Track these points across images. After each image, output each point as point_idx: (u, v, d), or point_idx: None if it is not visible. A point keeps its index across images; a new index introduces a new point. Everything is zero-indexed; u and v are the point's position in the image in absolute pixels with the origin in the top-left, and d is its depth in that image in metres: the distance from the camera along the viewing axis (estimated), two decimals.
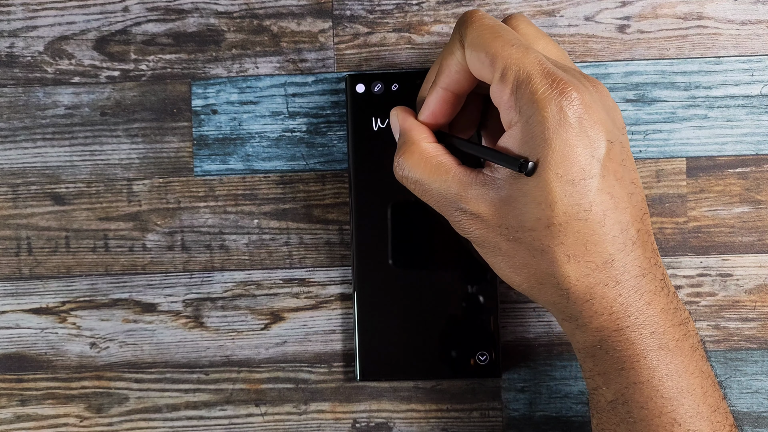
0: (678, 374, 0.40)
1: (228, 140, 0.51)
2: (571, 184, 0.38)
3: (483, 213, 0.40)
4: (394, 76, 0.49)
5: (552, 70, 0.38)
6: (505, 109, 0.39)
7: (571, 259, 0.39)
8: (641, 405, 0.39)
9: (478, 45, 0.40)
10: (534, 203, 0.38)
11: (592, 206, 0.38)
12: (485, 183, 0.40)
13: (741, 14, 0.50)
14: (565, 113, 0.37)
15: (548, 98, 0.38)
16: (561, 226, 0.38)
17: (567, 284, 0.39)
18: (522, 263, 0.40)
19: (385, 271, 0.49)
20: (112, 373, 0.51)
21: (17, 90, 0.51)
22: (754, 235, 0.49)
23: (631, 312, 0.39)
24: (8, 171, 0.51)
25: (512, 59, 0.39)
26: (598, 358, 0.40)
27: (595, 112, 0.38)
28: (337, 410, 0.50)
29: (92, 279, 0.51)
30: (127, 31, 0.51)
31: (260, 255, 0.51)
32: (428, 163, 0.42)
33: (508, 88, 0.39)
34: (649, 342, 0.39)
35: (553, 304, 0.41)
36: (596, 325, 0.40)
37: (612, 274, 0.39)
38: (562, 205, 0.38)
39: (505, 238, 0.40)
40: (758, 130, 0.50)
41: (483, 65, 0.40)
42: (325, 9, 0.51)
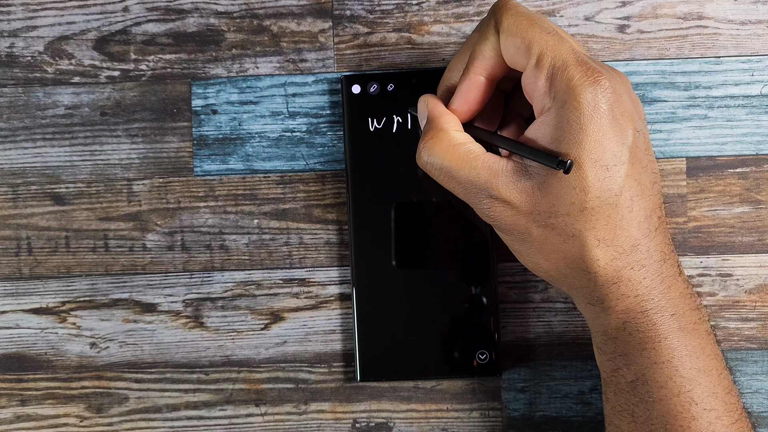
0: (696, 355, 0.41)
1: (228, 140, 0.51)
2: (604, 170, 0.39)
3: (514, 200, 0.40)
4: (390, 76, 0.49)
5: (585, 59, 0.39)
6: (539, 95, 0.40)
7: (601, 243, 0.40)
8: (661, 384, 0.41)
9: (514, 31, 0.40)
10: (569, 188, 0.39)
11: (622, 191, 0.39)
12: (516, 170, 0.41)
13: (741, 14, 0.50)
14: (598, 101, 0.38)
15: (583, 86, 0.38)
16: (593, 211, 0.39)
17: (596, 268, 0.40)
18: (552, 249, 0.41)
19: (385, 270, 0.49)
20: (112, 373, 0.51)
21: (17, 90, 0.51)
22: (754, 235, 0.49)
23: (655, 295, 0.41)
24: (8, 171, 0.51)
25: (548, 46, 0.40)
26: (620, 339, 0.41)
27: (624, 102, 0.40)
28: (337, 410, 0.50)
29: (92, 279, 0.51)
30: (127, 31, 0.51)
31: (260, 255, 0.51)
32: (456, 150, 0.42)
33: (543, 74, 0.40)
34: (671, 324, 0.41)
35: (580, 288, 0.42)
36: (622, 308, 0.41)
37: (638, 258, 0.40)
38: (595, 189, 0.39)
39: (537, 224, 0.40)
40: (758, 130, 0.50)
41: (518, 51, 0.40)
42: (325, 9, 0.51)
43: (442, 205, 0.49)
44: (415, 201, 0.49)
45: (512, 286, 0.50)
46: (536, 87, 0.40)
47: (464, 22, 0.50)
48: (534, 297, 0.50)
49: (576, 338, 0.50)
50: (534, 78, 0.40)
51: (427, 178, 0.49)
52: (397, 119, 0.49)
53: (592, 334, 0.44)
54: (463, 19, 0.50)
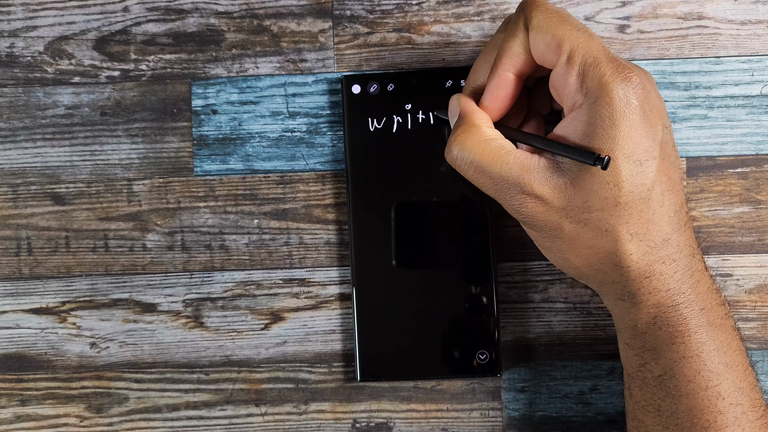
0: (723, 350, 0.41)
1: (228, 140, 0.51)
2: (637, 164, 0.39)
3: (547, 196, 0.41)
4: (390, 76, 0.49)
5: (615, 57, 0.40)
6: (570, 92, 0.40)
7: (634, 238, 0.40)
8: (689, 379, 0.41)
9: (544, 28, 0.41)
10: (602, 183, 0.39)
11: (654, 186, 0.40)
12: (548, 166, 0.41)
13: (741, 14, 0.50)
14: (629, 97, 0.39)
15: (615, 82, 0.39)
16: (626, 205, 0.40)
17: (629, 262, 0.41)
18: (584, 244, 0.41)
19: (385, 270, 0.49)
20: (112, 373, 0.51)
21: (17, 90, 0.51)
22: (754, 235, 0.49)
23: (685, 289, 0.41)
24: (8, 171, 0.51)
25: (579, 43, 0.40)
26: (650, 334, 0.42)
27: (653, 98, 0.40)
28: (337, 410, 0.50)
29: (92, 279, 0.51)
30: (127, 31, 0.51)
31: (260, 255, 0.51)
32: (488, 145, 0.42)
33: (575, 71, 0.40)
34: (700, 318, 0.41)
35: (611, 283, 0.42)
36: (653, 302, 0.41)
37: (669, 252, 0.41)
38: (629, 184, 0.39)
39: (569, 219, 0.41)
40: (758, 130, 0.50)
41: (548, 48, 0.41)
42: (325, 9, 0.51)
43: (442, 205, 0.49)
44: (415, 201, 0.49)
45: (512, 286, 0.50)
46: (567, 83, 0.40)
47: (464, 22, 0.50)
48: (534, 297, 0.50)
49: (576, 338, 0.50)
50: (565, 75, 0.40)
51: (427, 179, 0.49)
52: (397, 119, 0.49)
53: (618, 330, 0.44)
54: (463, 19, 0.50)
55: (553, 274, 0.50)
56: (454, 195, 0.48)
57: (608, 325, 0.50)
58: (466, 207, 0.48)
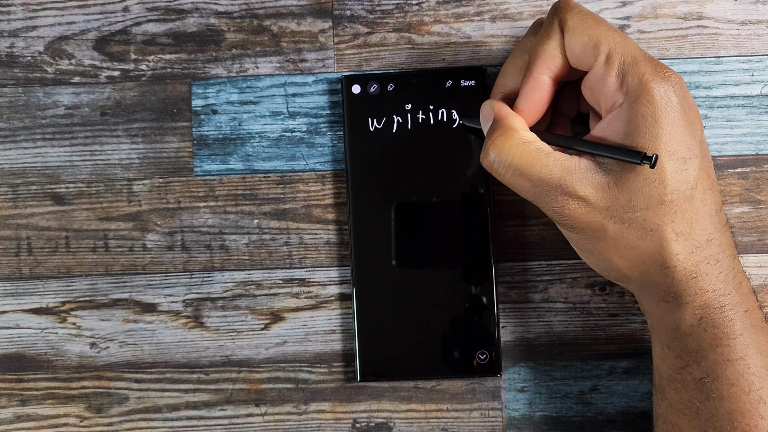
0: (765, 353, 0.41)
1: (228, 140, 0.51)
2: (681, 162, 0.39)
3: (590, 196, 0.40)
4: (390, 76, 0.49)
5: (652, 57, 0.40)
6: (610, 91, 0.40)
7: (679, 237, 0.40)
8: (732, 382, 0.40)
9: (581, 29, 0.41)
10: (647, 181, 0.39)
11: (697, 184, 0.40)
12: (590, 167, 0.41)
13: (741, 14, 0.50)
14: (670, 95, 0.39)
15: (656, 80, 0.39)
16: (672, 204, 0.39)
17: (675, 262, 0.40)
18: (628, 245, 0.41)
19: (385, 270, 0.49)
20: (112, 373, 0.51)
21: (17, 90, 0.51)
22: (754, 235, 0.49)
23: (730, 290, 0.41)
24: (8, 171, 0.51)
25: (617, 43, 0.40)
26: (694, 336, 0.41)
27: (689, 98, 0.41)
28: (337, 410, 0.50)
29: (92, 279, 0.51)
30: (127, 31, 0.51)
31: (260, 255, 0.51)
32: (526, 148, 0.42)
33: (614, 71, 0.40)
34: (745, 320, 0.41)
35: (654, 284, 0.42)
36: (699, 303, 0.41)
37: (713, 252, 0.41)
38: (673, 182, 0.39)
39: (613, 220, 0.40)
40: (758, 130, 0.50)
41: (585, 49, 0.41)
42: (325, 9, 0.51)
43: (442, 205, 0.49)
44: (415, 201, 0.49)
45: (512, 286, 0.50)
46: (606, 84, 0.40)
47: (464, 22, 0.50)
48: (534, 297, 0.50)
49: (576, 338, 0.50)
50: (604, 75, 0.40)
51: (427, 179, 0.49)
52: (397, 119, 0.49)
53: (656, 332, 0.43)
54: (463, 19, 0.50)
55: (553, 274, 0.50)
56: (454, 195, 0.48)
57: (608, 325, 0.50)
58: (466, 207, 0.48)
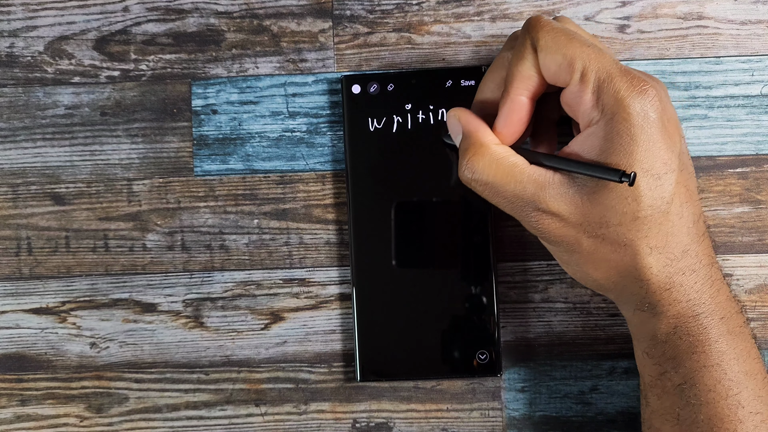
0: (743, 358, 0.41)
1: (228, 140, 0.51)
2: (656, 178, 0.39)
3: (563, 212, 0.41)
4: (390, 76, 0.49)
5: (629, 70, 0.40)
6: (586, 109, 0.40)
7: (653, 251, 0.40)
8: (709, 388, 0.41)
9: (553, 48, 0.40)
10: (620, 198, 0.39)
11: (673, 199, 0.40)
12: (563, 182, 0.41)
13: (741, 14, 0.50)
14: (647, 111, 0.39)
15: (631, 96, 0.39)
16: (645, 219, 0.40)
17: (648, 275, 0.41)
18: (602, 259, 0.41)
19: (385, 270, 0.49)
20: (112, 373, 0.51)
21: (17, 90, 0.51)
22: (754, 235, 0.49)
23: (705, 299, 0.41)
24: (8, 171, 0.51)
25: (591, 59, 0.40)
26: (670, 343, 0.42)
27: (669, 110, 0.40)
28: (337, 410, 0.50)
29: (92, 279, 0.51)
30: (127, 31, 0.51)
31: (260, 255, 0.51)
32: (500, 165, 0.42)
33: (589, 88, 0.40)
34: (721, 327, 0.41)
35: (630, 295, 0.42)
36: (674, 312, 0.41)
37: (688, 263, 0.41)
38: (647, 198, 0.39)
39: (587, 234, 0.41)
40: (758, 130, 0.50)
41: (560, 68, 0.40)
42: (325, 9, 0.51)
43: (442, 205, 0.49)
44: (415, 201, 0.49)
45: (512, 286, 0.50)
46: (582, 101, 0.40)
47: (464, 22, 0.50)
48: (534, 297, 0.50)
49: (576, 338, 0.50)
50: (579, 92, 0.40)
51: (427, 178, 0.49)
52: (397, 119, 0.49)
53: (636, 339, 0.44)
54: (463, 19, 0.50)
55: (554, 274, 0.50)
56: (454, 195, 0.48)
57: (608, 325, 0.50)
58: (466, 207, 0.48)
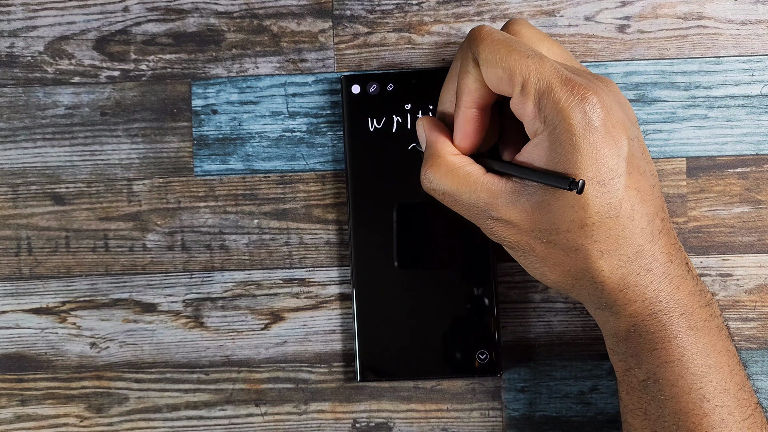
0: (706, 353, 0.41)
1: (228, 140, 0.51)
2: (601, 185, 0.39)
3: (515, 219, 0.41)
4: (389, 76, 0.49)
5: (569, 77, 0.39)
6: (529, 120, 0.40)
7: (604, 255, 0.40)
8: (672, 383, 0.41)
9: (493, 62, 0.40)
10: (567, 206, 0.39)
11: (622, 203, 0.40)
12: (515, 191, 0.41)
13: (741, 14, 0.50)
14: (589, 118, 0.39)
15: (571, 106, 0.39)
16: (594, 226, 0.40)
17: (601, 278, 0.41)
18: (556, 262, 0.42)
19: (385, 270, 0.49)
20: (112, 373, 0.51)
21: (17, 90, 0.51)
22: (754, 235, 0.49)
23: (662, 297, 0.41)
24: (8, 171, 0.51)
25: (530, 71, 0.40)
26: (631, 341, 0.42)
27: (614, 113, 0.40)
28: (337, 410, 0.50)
29: (92, 279, 0.51)
30: (127, 31, 0.51)
31: (260, 255, 0.51)
32: (455, 175, 0.42)
33: (530, 100, 0.40)
34: (680, 323, 0.41)
35: (588, 296, 0.42)
36: (630, 311, 0.41)
37: (643, 263, 0.41)
38: (595, 205, 0.39)
39: (539, 240, 0.41)
40: (758, 130, 0.50)
41: (501, 81, 0.41)
42: (325, 9, 0.51)
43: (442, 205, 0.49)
44: (415, 201, 0.49)
45: (512, 286, 0.50)
46: (525, 113, 0.40)
47: (464, 22, 0.50)
48: (534, 297, 0.50)
49: (576, 338, 0.50)
50: (522, 104, 0.40)
51: None
52: (396, 119, 0.49)
53: (603, 335, 0.44)
54: (463, 19, 0.50)
55: None
56: None
57: None
58: None
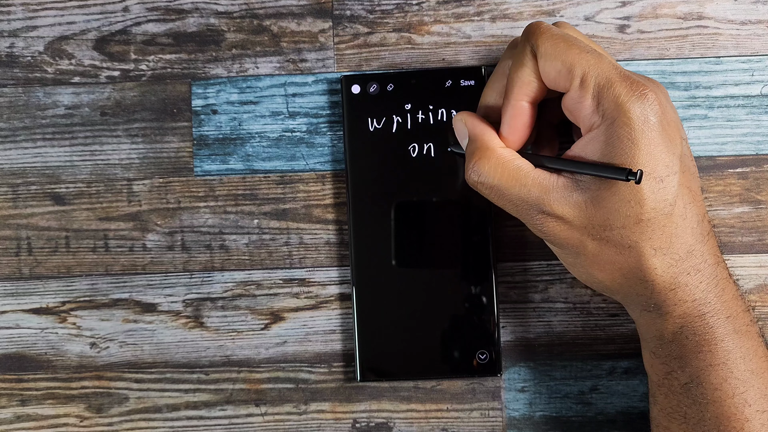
0: (749, 357, 0.42)
1: (228, 140, 0.51)
2: (658, 181, 0.40)
3: (567, 215, 0.41)
4: (389, 76, 0.49)
5: (628, 74, 0.40)
6: (586, 114, 0.41)
7: (657, 252, 0.41)
8: (715, 386, 0.41)
9: (553, 55, 0.41)
10: (623, 201, 0.40)
11: (677, 200, 0.40)
12: (567, 186, 0.41)
13: (741, 14, 0.50)
14: (647, 115, 0.39)
15: (631, 100, 0.39)
16: (649, 222, 0.40)
17: (653, 276, 0.41)
18: (607, 261, 0.41)
19: (385, 270, 0.49)
20: (112, 373, 0.51)
21: (17, 90, 0.51)
22: (754, 235, 0.49)
23: (711, 298, 0.41)
24: (8, 171, 0.51)
25: (590, 65, 0.40)
26: (676, 343, 0.42)
27: (669, 112, 0.41)
28: (337, 410, 0.50)
29: (92, 279, 0.51)
30: (127, 31, 0.51)
31: (260, 255, 0.51)
32: (505, 168, 0.42)
33: (589, 94, 0.40)
34: (726, 326, 0.41)
35: (636, 296, 0.42)
36: (679, 312, 0.42)
37: (693, 263, 0.41)
38: (651, 201, 0.40)
39: (591, 237, 0.41)
40: (758, 130, 0.50)
41: (559, 74, 0.41)
42: (325, 9, 0.51)
43: (442, 205, 0.49)
44: (414, 201, 0.49)
45: (512, 286, 0.50)
46: (582, 107, 0.41)
47: (464, 22, 0.50)
48: (534, 297, 0.50)
49: (576, 338, 0.50)
50: (579, 98, 0.40)
51: (427, 178, 0.49)
52: (396, 119, 0.49)
53: (643, 339, 0.44)
54: (463, 19, 0.50)
55: (554, 274, 0.50)
56: (453, 195, 0.48)
57: (608, 325, 0.50)
58: (466, 207, 0.48)
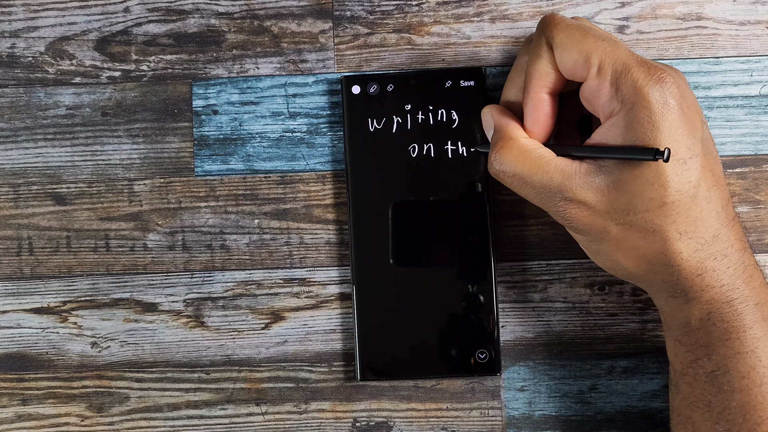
0: None
1: (229, 140, 0.51)
2: (681, 163, 0.39)
3: (590, 200, 0.41)
4: (389, 77, 0.49)
5: (644, 60, 0.40)
6: (605, 101, 0.41)
7: (683, 236, 0.40)
8: (743, 375, 0.41)
9: (569, 45, 0.41)
10: (647, 184, 0.40)
11: (700, 183, 0.40)
12: (590, 171, 0.41)
13: (740, 15, 0.50)
14: (666, 98, 0.39)
15: (650, 85, 0.39)
16: (673, 204, 0.40)
17: (679, 260, 0.41)
18: (631, 246, 0.41)
19: (385, 270, 0.49)
20: (113, 372, 0.51)
21: (18, 90, 0.51)
22: (754, 235, 0.50)
23: (739, 284, 0.41)
24: (9, 171, 0.51)
25: (606, 53, 0.41)
26: (703, 330, 0.42)
27: (688, 96, 0.41)
28: (337, 409, 0.50)
29: (93, 279, 0.51)
30: (128, 31, 0.51)
31: (261, 255, 0.51)
32: (527, 156, 0.43)
33: (607, 80, 0.40)
34: (755, 313, 0.41)
35: (662, 282, 0.42)
36: (707, 298, 0.41)
37: (720, 248, 0.41)
38: (674, 183, 0.40)
39: (615, 222, 0.41)
40: (757, 130, 0.50)
41: (576, 63, 0.41)
42: (325, 10, 0.51)
43: (442, 205, 0.49)
44: (414, 201, 0.49)
45: (512, 286, 0.50)
46: (600, 94, 0.41)
47: (464, 23, 0.50)
48: (534, 297, 0.50)
49: (575, 338, 0.50)
50: (597, 86, 0.41)
51: (427, 179, 0.49)
52: (396, 120, 0.49)
53: (668, 327, 0.44)
54: (463, 20, 0.50)
55: (553, 273, 0.50)
56: (453, 195, 0.49)
57: (607, 325, 0.50)
58: (466, 207, 0.49)
